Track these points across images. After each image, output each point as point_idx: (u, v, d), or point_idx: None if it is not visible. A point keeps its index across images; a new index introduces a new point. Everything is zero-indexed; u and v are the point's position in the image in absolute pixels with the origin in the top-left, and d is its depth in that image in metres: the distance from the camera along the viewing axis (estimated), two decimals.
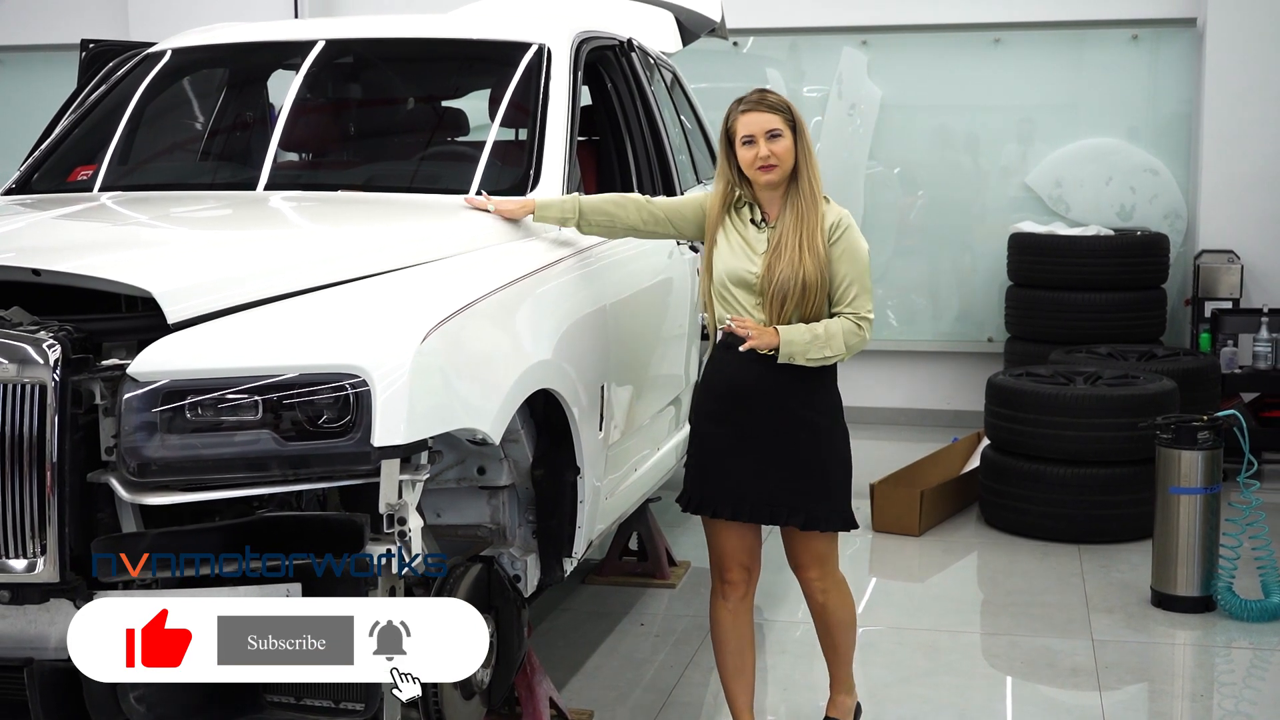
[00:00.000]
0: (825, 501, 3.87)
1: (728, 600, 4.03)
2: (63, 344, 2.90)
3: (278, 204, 4.20)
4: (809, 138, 3.85)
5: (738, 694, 4.09)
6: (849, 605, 4.10)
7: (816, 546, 3.96)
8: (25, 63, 9.82)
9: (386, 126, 5.09)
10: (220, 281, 3.17)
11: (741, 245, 3.84)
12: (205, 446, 2.94)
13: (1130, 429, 6.09)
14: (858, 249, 3.81)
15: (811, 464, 3.84)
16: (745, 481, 3.85)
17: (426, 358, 3.05)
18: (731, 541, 3.98)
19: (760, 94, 3.87)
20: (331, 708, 3.12)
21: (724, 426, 3.87)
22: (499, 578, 3.66)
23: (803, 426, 3.82)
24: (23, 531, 2.91)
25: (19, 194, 4.59)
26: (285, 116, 4.77)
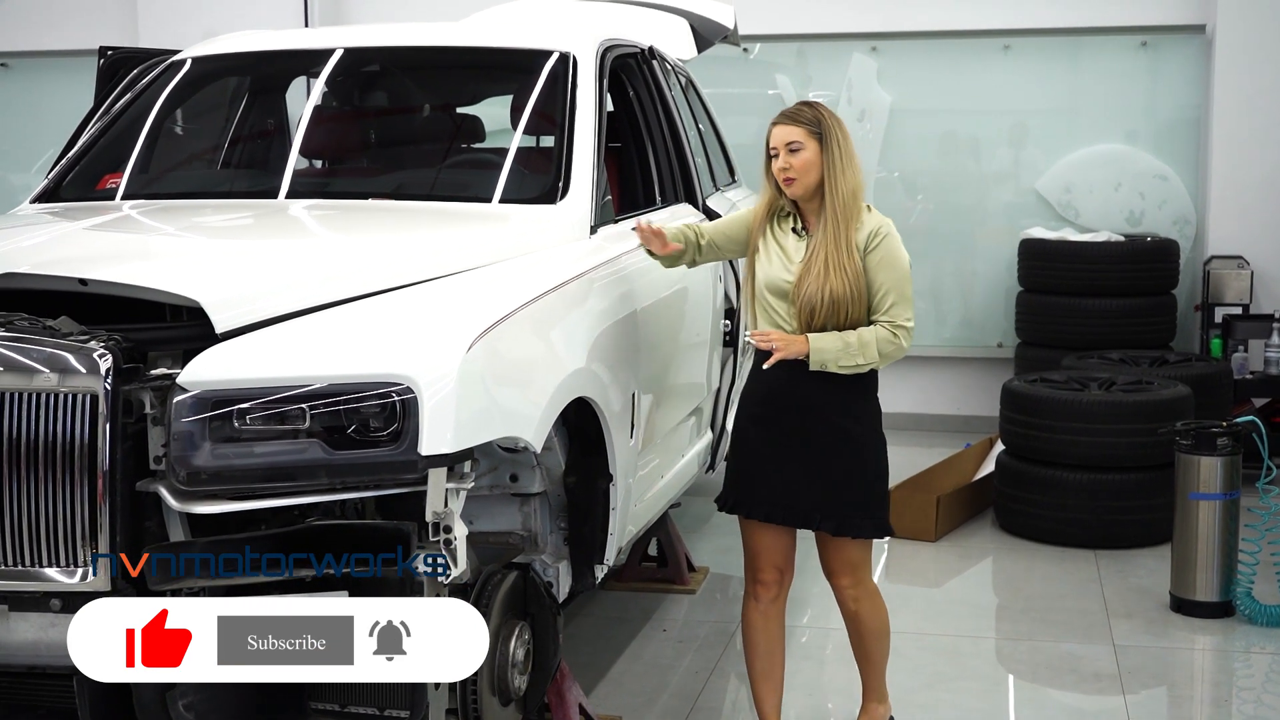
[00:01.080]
0: (858, 509, 3.90)
1: (759, 601, 4.07)
2: (114, 354, 2.92)
3: (312, 212, 4.22)
4: (845, 150, 3.83)
5: (765, 696, 4.13)
6: (882, 614, 4.12)
7: (849, 553, 3.99)
8: (35, 67, 9.84)
9: (412, 134, 5.12)
10: (265, 291, 3.19)
11: (780, 254, 3.89)
12: (254, 455, 2.95)
13: (1145, 434, 6.11)
14: (895, 258, 3.82)
15: (846, 471, 3.88)
16: (781, 485, 3.90)
17: (471, 366, 3.07)
18: (765, 542, 4.01)
19: (795, 107, 3.91)
20: (376, 715, 3.14)
21: (763, 431, 3.92)
22: (535, 585, 3.69)
23: (839, 434, 3.86)
24: (73, 540, 2.93)
25: (48, 201, 4.60)
26: (307, 124, 4.80)
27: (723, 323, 5.36)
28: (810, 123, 3.83)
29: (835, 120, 3.87)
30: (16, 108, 9.95)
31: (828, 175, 3.81)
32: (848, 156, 3.84)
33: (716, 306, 5.27)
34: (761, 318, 3.90)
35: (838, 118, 3.89)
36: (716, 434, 5.53)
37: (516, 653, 3.55)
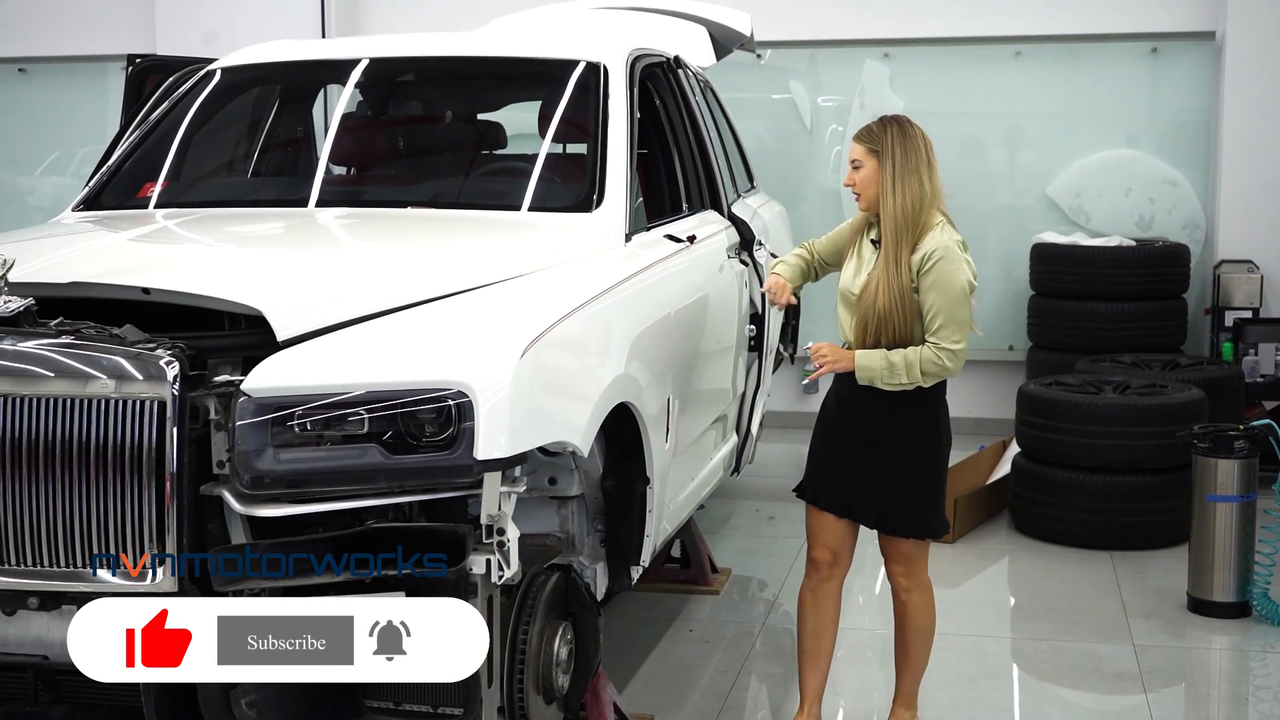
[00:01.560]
0: (903, 509, 4.08)
1: (810, 579, 4.26)
2: (180, 361, 3.00)
3: (355, 221, 4.30)
4: (908, 168, 3.94)
5: (808, 676, 4.28)
6: (930, 613, 4.24)
7: (902, 547, 4.16)
8: (52, 73, 9.90)
9: (443, 143, 5.20)
10: (323, 299, 3.27)
11: (857, 261, 4.07)
12: (316, 460, 3.04)
13: (1161, 437, 6.21)
14: (949, 281, 3.89)
15: (896, 473, 4.05)
16: (838, 478, 4.13)
17: (524, 373, 3.15)
18: (819, 524, 4.22)
19: (869, 124, 4.05)
20: (430, 712, 3.22)
21: (832, 428, 4.17)
22: (576, 585, 3.76)
23: (894, 438, 4.03)
24: (140, 542, 3.01)
25: (89, 210, 4.67)
26: (339, 133, 4.88)
27: (748, 328, 5.44)
28: (870, 140, 3.99)
29: (899, 137, 3.96)
30: (34, 112, 10.01)
31: (880, 193, 3.95)
32: (903, 174, 3.93)
33: (742, 312, 5.35)
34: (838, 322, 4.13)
35: (909, 134, 3.98)
36: (741, 438, 5.61)
37: (560, 652, 3.63)
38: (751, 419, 5.72)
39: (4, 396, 3.02)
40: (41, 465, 3.01)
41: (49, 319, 3.14)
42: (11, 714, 3.19)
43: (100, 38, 9.65)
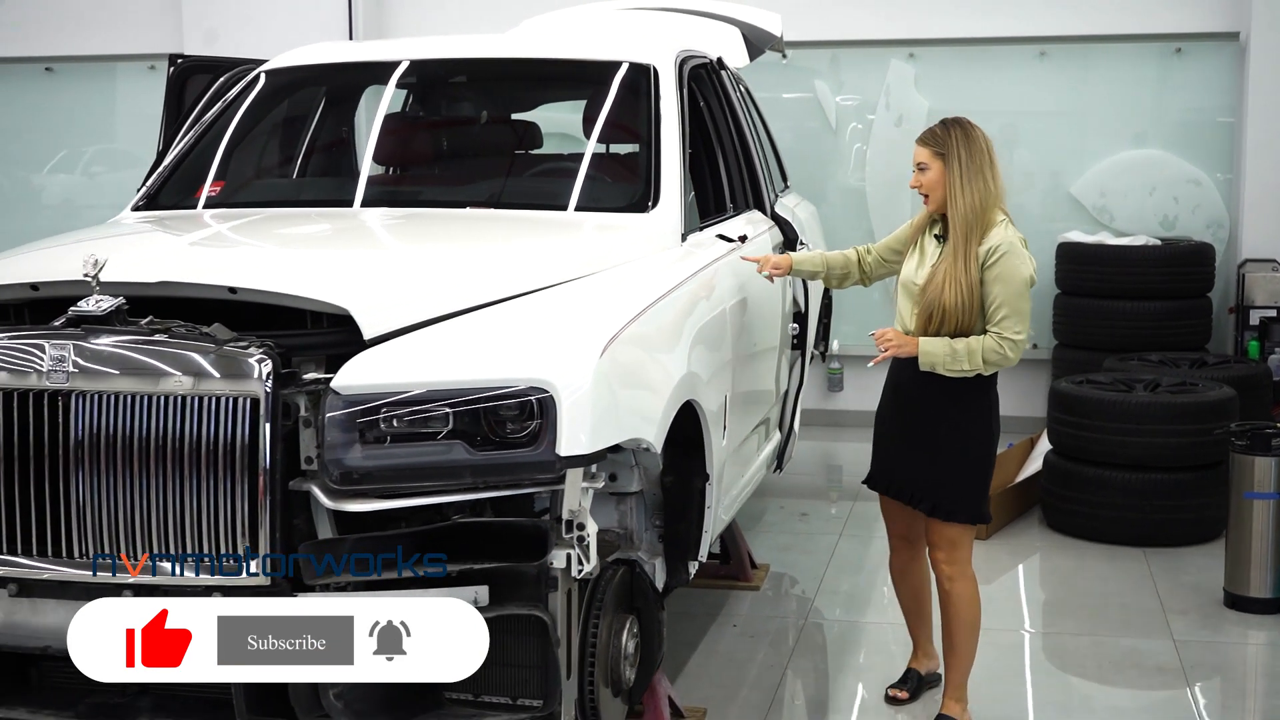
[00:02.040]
0: (955, 495, 4.24)
1: (897, 557, 4.63)
2: (273, 359, 3.06)
3: (422, 221, 4.34)
4: (973, 168, 4.08)
5: (916, 629, 4.71)
6: (974, 603, 4.36)
7: (948, 532, 4.31)
8: (79, 72, 9.95)
9: (493, 144, 5.25)
10: (407, 298, 3.33)
11: (920, 255, 4.23)
12: (403, 456, 3.10)
13: (1193, 435, 6.28)
14: (1012, 274, 4.06)
15: (949, 461, 4.22)
16: (898, 465, 4.36)
17: (604, 370, 3.21)
18: (892, 514, 4.54)
19: (931, 126, 4.23)
20: (508, 704, 3.28)
21: (890, 415, 4.37)
22: (641, 580, 3.82)
23: (948, 425, 4.19)
24: (233, 536, 3.07)
25: (148, 210, 4.72)
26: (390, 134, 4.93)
27: (791, 326, 5.50)
28: (936, 143, 4.16)
29: (963, 139, 4.12)
30: (61, 110, 10.06)
31: (948, 193, 4.10)
32: (970, 175, 4.08)
33: (786, 311, 5.41)
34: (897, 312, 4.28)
35: (972, 135, 4.14)
36: (784, 436, 5.67)
37: (627, 646, 3.69)
38: (794, 417, 5.78)
39: (99, 394, 3.08)
40: (135, 462, 3.08)
41: (137, 318, 3.20)
42: (100, 705, 3.25)
43: (126, 38, 9.70)
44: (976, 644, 4.42)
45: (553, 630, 3.21)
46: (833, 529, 6.75)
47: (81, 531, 3.12)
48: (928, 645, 4.69)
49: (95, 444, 3.08)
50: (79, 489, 3.10)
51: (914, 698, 4.65)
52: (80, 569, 3.12)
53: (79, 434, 3.09)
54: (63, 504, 3.12)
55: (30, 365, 3.11)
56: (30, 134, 10.22)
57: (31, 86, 10.04)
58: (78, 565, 3.13)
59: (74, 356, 3.09)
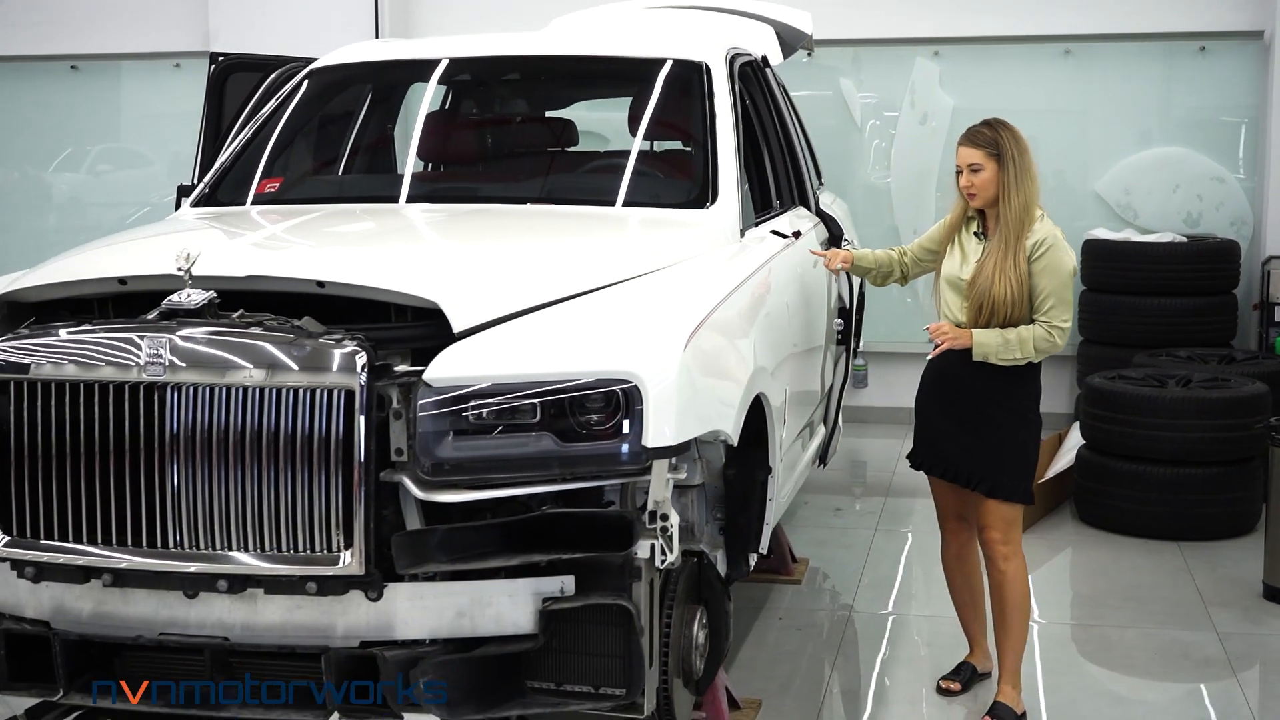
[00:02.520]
0: (1010, 476, 4.37)
1: (950, 546, 4.72)
2: (368, 352, 3.10)
3: (489, 217, 4.36)
4: (1022, 165, 4.23)
5: (969, 621, 4.79)
6: (1024, 583, 4.47)
7: (1003, 512, 4.43)
8: (103, 71, 10.00)
9: (547, 141, 5.29)
10: (493, 292, 3.38)
11: (961, 253, 4.33)
12: (493, 447, 3.14)
13: (1228, 429, 6.35)
14: (1058, 266, 4.21)
15: (1001, 444, 4.35)
16: (951, 449, 4.47)
17: (688, 362, 3.25)
18: (947, 496, 4.65)
19: (978, 127, 4.30)
20: (591, 692, 3.32)
21: (935, 401, 4.46)
22: (709, 571, 3.86)
23: (999, 410, 4.32)
24: (328, 527, 3.11)
25: (208, 206, 4.76)
26: (448, 131, 4.96)
27: (835, 322, 5.55)
28: (989, 145, 4.25)
29: (1013, 139, 4.25)
30: (85, 108, 10.10)
31: (1002, 193, 4.24)
32: (1022, 173, 4.23)
33: (831, 306, 5.46)
34: (941, 307, 4.40)
35: (1016, 134, 4.27)
36: (830, 429, 5.72)
37: (698, 636, 3.73)
38: (838, 412, 5.83)
39: (194, 386, 3.12)
40: (231, 454, 3.11)
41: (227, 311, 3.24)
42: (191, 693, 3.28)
43: (152, 36, 9.74)
44: (1027, 626, 4.54)
45: (637, 619, 3.25)
46: (867, 524, 6.80)
47: (176, 523, 3.16)
48: (984, 641, 4.76)
49: (191, 436, 3.12)
50: (174, 481, 3.14)
51: (965, 689, 4.71)
52: (175, 560, 3.16)
53: (175, 426, 3.13)
54: (158, 496, 3.16)
55: (127, 359, 3.15)
56: (51, 131, 10.25)
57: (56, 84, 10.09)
58: (172, 556, 3.16)
59: (170, 349, 3.12)
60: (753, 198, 5.26)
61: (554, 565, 3.24)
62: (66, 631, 3.29)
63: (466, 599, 3.19)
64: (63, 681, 3.30)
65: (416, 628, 3.19)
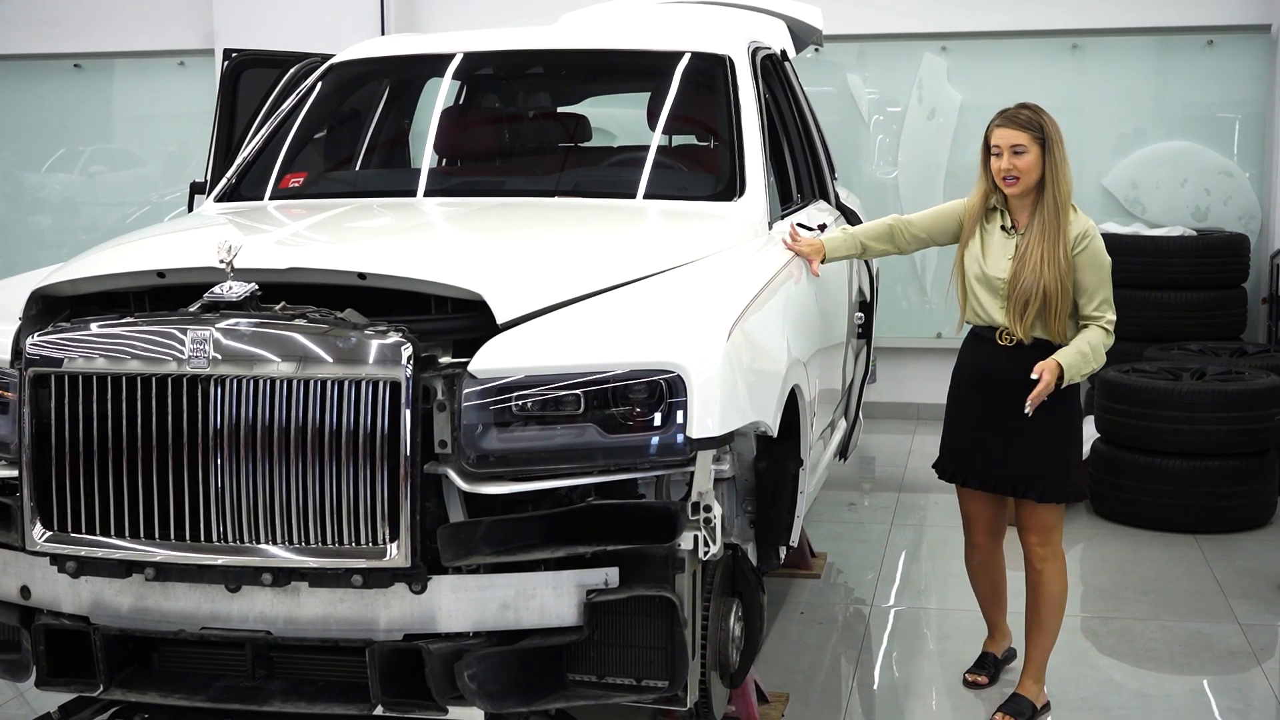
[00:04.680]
0: (1061, 476, 4.25)
1: (974, 557, 4.61)
2: (413, 344, 3.08)
3: (520, 210, 4.35)
4: (1061, 152, 4.14)
5: (992, 614, 4.76)
6: (1062, 582, 4.41)
7: (1045, 517, 4.33)
8: (107, 69, 9.97)
9: (569, 134, 5.27)
10: (536, 283, 3.36)
11: (989, 248, 4.16)
12: (537, 439, 3.13)
13: (1242, 422, 6.36)
14: (1101, 259, 4.12)
15: (1048, 443, 4.21)
16: (990, 456, 4.28)
17: (730, 353, 3.24)
18: (979, 508, 4.49)
19: (1017, 109, 4.19)
20: (634, 685, 3.30)
21: (971, 406, 4.31)
22: (744, 564, 3.85)
23: (1046, 409, 4.13)
24: (373, 520, 3.09)
25: (230, 201, 4.74)
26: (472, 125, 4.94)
27: (856, 315, 5.54)
28: (1034, 127, 4.12)
29: (1053, 123, 4.16)
30: (88, 106, 10.07)
31: (1049, 177, 4.11)
32: (1064, 159, 4.15)
33: (853, 300, 5.45)
34: (968, 305, 4.26)
35: (1053, 119, 4.17)
36: (850, 423, 5.71)
37: (734, 629, 3.72)
38: (858, 407, 5.82)
39: (239, 379, 3.11)
40: (275, 446, 3.10)
41: (271, 303, 3.22)
42: (232, 689, 3.27)
43: (155, 34, 9.71)
44: (1060, 624, 4.48)
45: (680, 611, 3.24)
46: (882, 519, 6.80)
47: (220, 517, 3.14)
48: (1003, 624, 4.75)
49: (235, 429, 3.10)
50: (217, 475, 3.12)
51: (993, 682, 4.70)
52: (218, 554, 3.14)
53: (219, 420, 3.11)
54: (201, 490, 3.14)
55: (169, 352, 3.13)
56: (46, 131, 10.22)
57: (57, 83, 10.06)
58: (216, 550, 3.15)
59: (214, 342, 3.11)
60: (776, 191, 5.26)
61: (597, 557, 3.22)
62: (107, 626, 3.27)
63: (511, 591, 3.17)
64: (103, 676, 3.28)
65: (460, 620, 3.18)
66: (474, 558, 3.14)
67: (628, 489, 3.39)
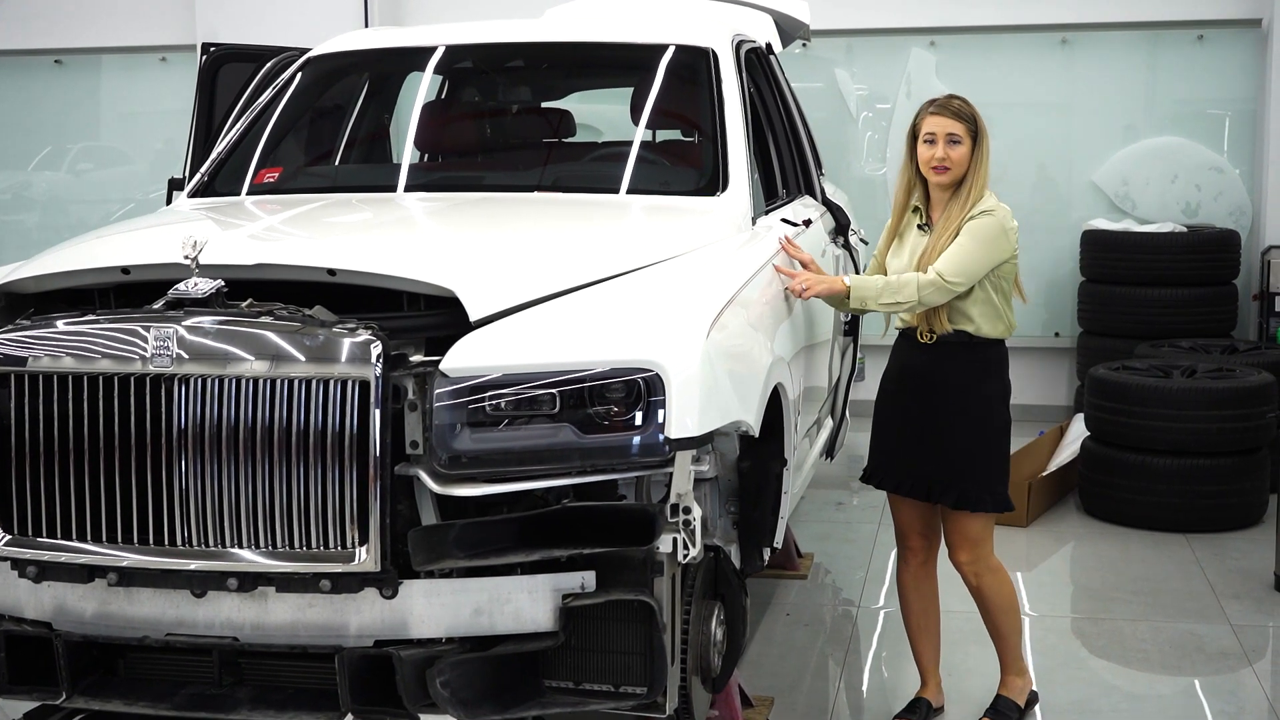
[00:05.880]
0: (977, 482, 4.11)
1: (909, 565, 4.39)
2: (383, 341, 3.00)
3: (497, 205, 4.27)
4: (986, 148, 4.08)
5: (923, 650, 4.44)
6: (1006, 590, 4.29)
7: (969, 528, 4.18)
8: (90, 65, 9.87)
9: (549, 129, 5.19)
10: (510, 279, 3.27)
11: (905, 246, 4.14)
12: (512, 439, 3.05)
13: (1233, 420, 6.30)
14: (984, 234, 3.99)
15: (968, 447, 4.09)
16: (909, 459, 4.16)
17: (710, 351, 3.16)
18: (907, 513, 4.33)
19: (948, 98, 4.13)
20: (611, 691, 3.22)
21: (895, 407, 4.22)
22: (726, 566, 3.77)
23: (962, 412, 4.08)
24: (342, 523, 3.01)
25: (204, 196, 4.65)
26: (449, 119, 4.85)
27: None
28: (969, 119, 4.08)
29: (981, 119, 4.11)
30: (70, 102, 9.97)
31: (971, 171, 4.07)
32: (986, 156, 4.10)
33: None
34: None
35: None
36: (837, 422, 5.64)
37: (716, 633, 3.64)
38: (845, 405, 5.75)
39: (204, 378, 3.02)
40: (241, 447, 3.01)
41: (237, 300, 3.14)
42: (198, 696, 3.18)
43: (137, 30, 9.61)
44: (1020, 620, 4.39)
45: (659, 616, 3.15)
46: (869, 518, 6.72)
47: (185, 520, 3.05)
48: (936, 673, 4.44)
49: (200, 430, 3.01)
50: (182, 477, 3.03)
51: None
52: (183, 558, 3.05)
53: (183, 420, 3.02)
54: (165, 492, 3.05)
55: (132, 350, 3.04)
56: (32, 128, 10.13)
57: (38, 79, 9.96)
58: (180, 555, 3.06)
59: (178, 340, 3.02)
60: (760, 186, 5.18)
61: (574, 560, 3.14)
62: (69, 633, 3.18)
63: (484, 596, 3.09)
64: (65, 684, 3.19)
65: (433, 626, 3.09)
66: (446, 562, 3.05)
67: (608, 490, 3.31)
